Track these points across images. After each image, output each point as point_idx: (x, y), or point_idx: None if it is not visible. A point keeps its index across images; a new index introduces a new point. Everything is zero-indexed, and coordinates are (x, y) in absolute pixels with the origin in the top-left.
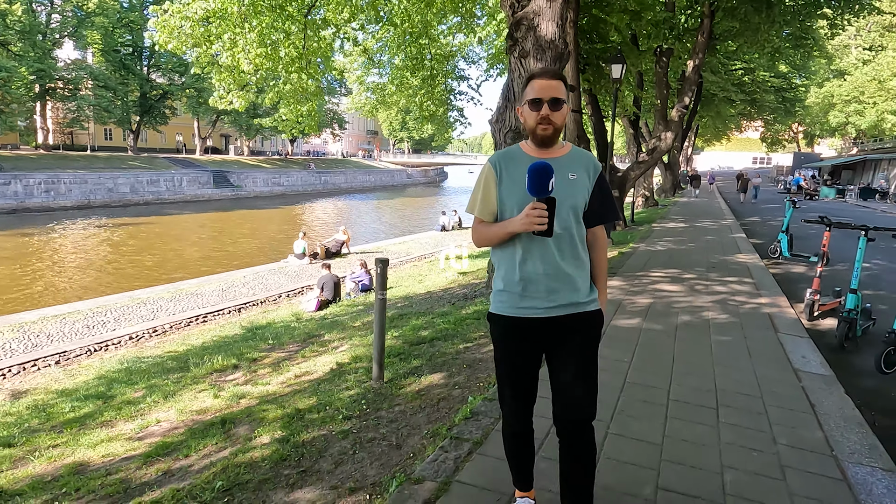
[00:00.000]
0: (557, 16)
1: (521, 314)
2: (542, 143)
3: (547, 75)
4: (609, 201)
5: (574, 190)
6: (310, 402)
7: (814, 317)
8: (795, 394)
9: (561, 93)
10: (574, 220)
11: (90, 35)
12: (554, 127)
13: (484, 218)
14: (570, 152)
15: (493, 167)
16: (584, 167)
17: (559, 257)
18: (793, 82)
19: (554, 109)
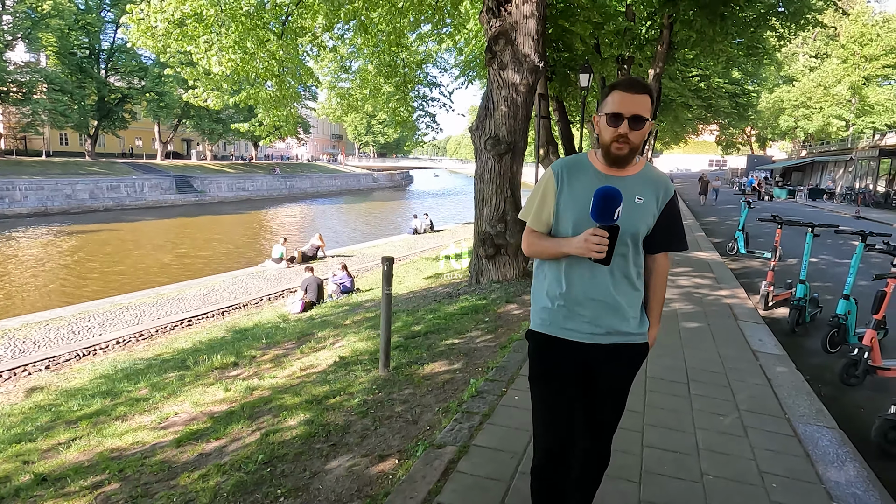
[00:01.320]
0: (533, 31)
1: (565, 335)
2: (615, 162)
3: (633, 88)
4: (676, 229)
5: (638, 215)
6: (323, 389)
7: (769, 306)
8: (754, 370)
9: (645, 109)
10: (633, 247)
11: (45, 37)
12: (630, 147)
13: (536, 229)
14: (641, 172)
15: (556, 176)
16: (654, 190)
17: (612, 284)
18: (745, 88)
19: (634, 128)
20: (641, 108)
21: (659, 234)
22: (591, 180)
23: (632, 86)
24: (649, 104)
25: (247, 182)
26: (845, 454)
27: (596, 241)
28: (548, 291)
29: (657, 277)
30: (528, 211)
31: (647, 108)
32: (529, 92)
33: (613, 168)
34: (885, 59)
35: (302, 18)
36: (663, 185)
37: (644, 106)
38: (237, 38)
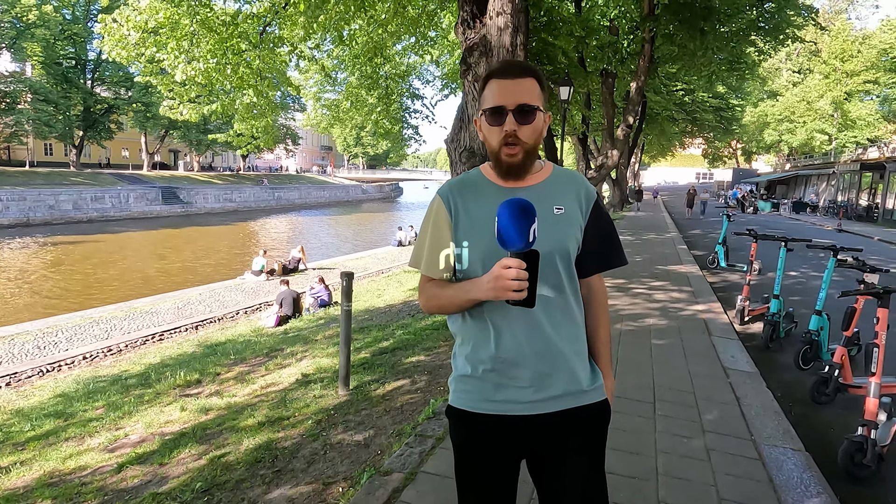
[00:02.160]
0: (508, 43)
1: (497, 410)
2: (509, 172)
3: (512, 73)
4: (610, 238)
5: (562, 229)
6: (279, 410)
7: (745, 321)
8: (723, 387)
9: (532, 96)
10: (565, 273)
11: (30, 47)
12: (524, 149)
13: (434, 276)
14: (551, 176)
15: (445, 202)
16: (575, 194)
17: (550, 328)
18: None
19: (523, 122)
20: (527, 94)
21: (590, 248)
22: (491, 198)
23: (510, 70)
24: (538, 90)
25: (234, 193)
26: (810, 479)
27: (511, 277)
28: (469, 355)
29: (596, 308)
30: (419, 256)
31: (534, 94)
32: None
33: (512, 181)
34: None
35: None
36: (582, 187)
37: (530, 92)
38: (211, 47)
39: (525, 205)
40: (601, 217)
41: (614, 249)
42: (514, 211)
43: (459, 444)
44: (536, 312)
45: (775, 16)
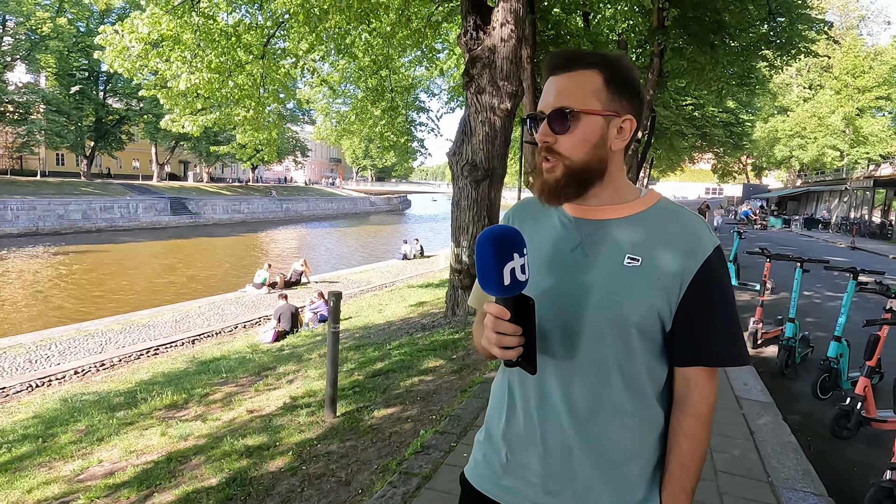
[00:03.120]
0: (512, 54)
1: (502, 498)
2: (543, 192)
3: (561, 63)
4: (719, 321)
5: (628, 286)
6: (259, 438)
7: (757, 344)
8: (736, 420)
9: (581, 95)
10: (619, 348)
11: (44, 58)
12: (563, 165)
13: (476, 307)
14: (645, 213)
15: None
16: (669, 244)
17: (577, 419)
18: (740, 117)
19: (558, 129)
20: (572, 93)
21: (685, 329)
22: (549, 225)
23: (559, 60)
24: (596, 85)
25: (242, 204)
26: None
27: (490, 325)
28: (488, 413)
29: (685, 417)
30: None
31: (586, 91)
32: (508, 117)
33: (580, 204)
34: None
35: (284, 40)
36: (688, 238)
37: (576, 90)
38: (213, 58)
39: (501, 237)
40: (711, 286)
41: (721, 338)
42: (485, 243)
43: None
44: (565, 391)
45: (787, 30)
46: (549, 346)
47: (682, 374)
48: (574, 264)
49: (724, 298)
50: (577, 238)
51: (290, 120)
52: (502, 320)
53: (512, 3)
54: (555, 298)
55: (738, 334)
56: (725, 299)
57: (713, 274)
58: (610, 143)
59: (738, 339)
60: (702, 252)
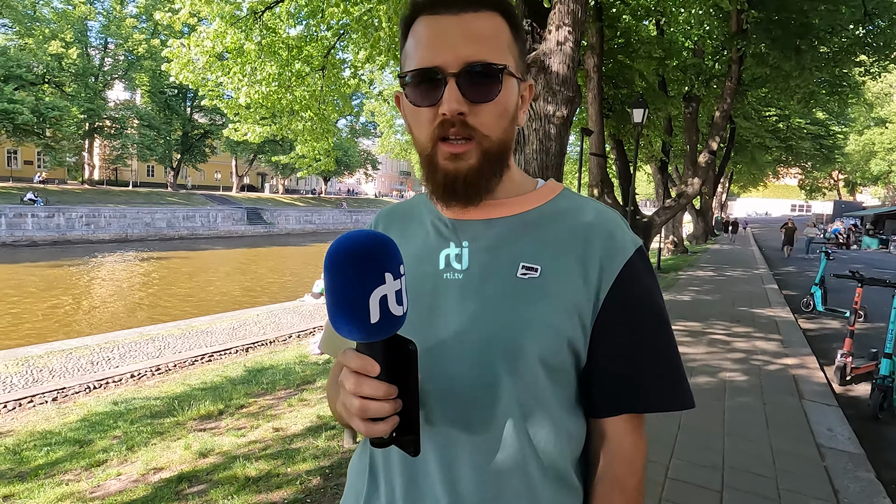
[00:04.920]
0: (569, 58)
1: None
2: (450, 191)
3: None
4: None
5: (524, 307)
6: (273, 463)
7: (846, 381)
8: (817, 475)
9: (497, 46)
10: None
11: (139, 77)
12: (481, 149)
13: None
14: (545, 207)
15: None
16: (576, 248)
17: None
18: (831, 129)
19: (478, 96)
20: (488, 44)
21: (602, 363)
22: (424, 234)
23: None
24: (504, 35)
25: (314, 215)
26: None
27: (350, 387)
28: (349, 488)
29: (608, 483)
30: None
31: (500, 42)
32: (564, 125)
33: (460, 206)
34: None
35: (344, 51)
36: (602, 237)
37: (491, 38)
38: (273, 71)
39: (366, 249)
40: (638, 295)
41: (654, 373)
42: (341, 258)
43: None
44: (445, 472)
45: (885, 33)
46: (422, 406)
47: (597, 430)
48: (450, 284)
49: (652, 315)
50: (456, 247)
51: (362, 133)
52: (368, 378)
53: (569, 4)
54: (426, 334)
55: (676, 363)
56: (655, 316)
57: (636, 283)
58: (518, 117)
59: (677, 371)
60: (621, 255)
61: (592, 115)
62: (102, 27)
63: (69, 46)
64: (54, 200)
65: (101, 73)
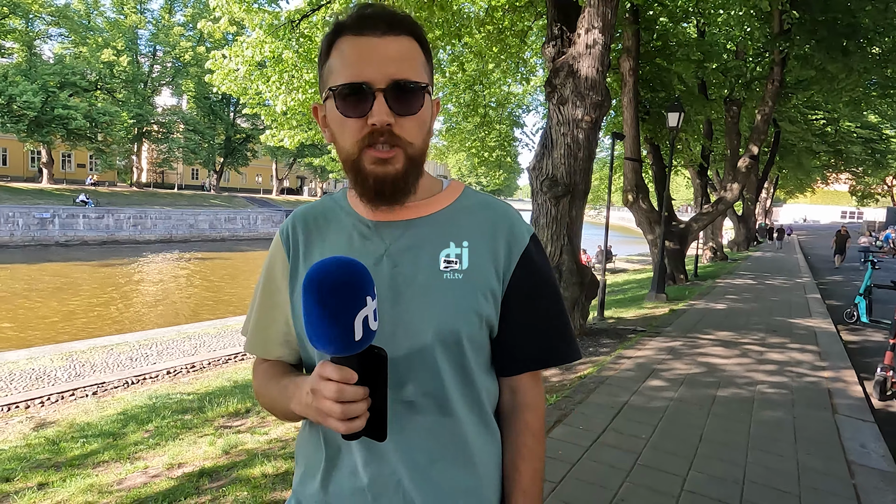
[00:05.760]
0: (598, 62)
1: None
2: (380, 194)
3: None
4: (549, 317)
5: (452, 298)
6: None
7: (886, 396)
8: (844, 493)
9: (415, 66)
10: (455, 373)
11: (185, 83)
12: (406, 155)
13: (264, 355)
14: (454, 205)
15: (284, 241)
16: (485, 237)
17: (415, 468)
18: (884, 133)
19: (403, 109)
20: (407, 62)
21: (513, 331)
22: (345, 238)
23: (372, 20)
24: (420, 56)
25: None
26: None
27: (331, 395)
28: (296, 484)
29: (519, 430)
30: (248, 321)
31: (417, 63)
32: (592, 129)
33: (387, 208)
34: None
35: None
36: (504, 227)
37: (411, 59)
38: (311, 78)
39: (343, 277)
40: (536, 275)
41: (556, 332)
42: (321, 289)
43: None
44: (396, 444)
45: None
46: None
47: (508, 386)
48: (382, 281)
49: (548, 291)
50: (382, 247)
51: None
52: (347, 385)
53: (599, 7)
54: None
55: (566, 325)
56: (550, 292)
57: (534, 265)
58: (431, 129)
59: (567, 332)
60: (519, 243)
61: (628, 119)
62: (151, 35)
63: (120, 54)
64: (104, 202)
65: (150, 79)
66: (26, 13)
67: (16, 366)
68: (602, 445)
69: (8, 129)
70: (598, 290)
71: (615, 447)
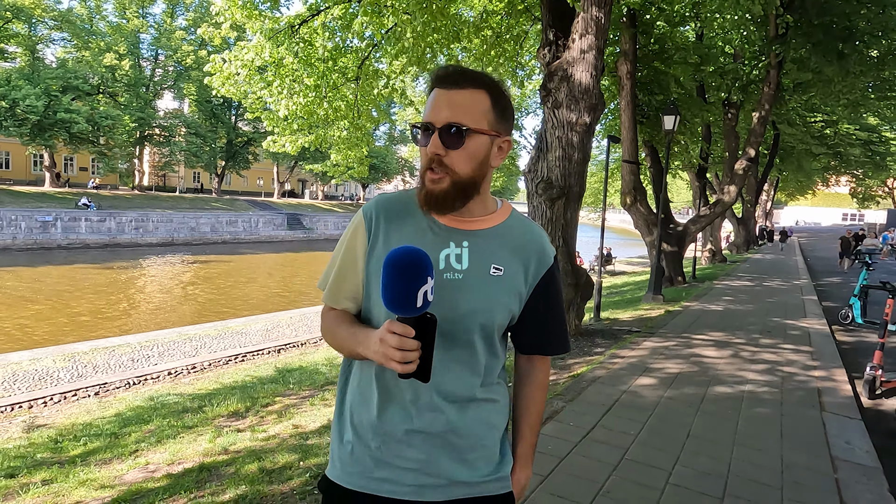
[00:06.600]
0: (591, 67)
1: (376, 490)
2: (427, 202)
3: (450, 79)
4: (556, 320)
5: (493, 295)
6: (288, 457)
7: (875, 395)
8: (826, 487)
9: (471, 114)
10: (485, 346)
11: (187, 87)
12: (451, 179)
13: (335, 305)
14: (503, 225)
15: (367, 220)
16: (522, 254)
17: (451, 406)
18: (884, 135)
19: (450, 145)
20: (463, 111)
21: (531, 326)
22: (416, 229)
23: (450, 77)
24: (485, 106)
25: None
26: None
27: (394, 344)
28: (352, 412)
29: (532, 390)
30: (326, 278)
31: (476, 111)
32: (587, 132)
33: (447, 216)
34: None
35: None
36: (537, 249)
37: (470, 108)
38: (311, 82)
39: (414, 260)
40: (552, 291)
41: (557, 334)
42: (400, 262)
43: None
44: (438, 386)
45: None
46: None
47: (527, 361)
48: (448, 270)
49: (559, 299)
50: (447, 245)
51: (400, 141)
52: (407, 338)
53: (593, 13)
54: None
55: (565, 330)
56: (560, 300)
57: (554, 280)
58: (491, 161)
59: (565, 334)
60: (547, 261)
61: (625, 123)
62: (153, 39)
63: (122, 58)
64: (106, 205)
65: (152, 83)
66: (29, 18)
67: (19, 366)
68: (591, 441)
69: (11, 132)
70: (592, 290)
71: (604, 443)
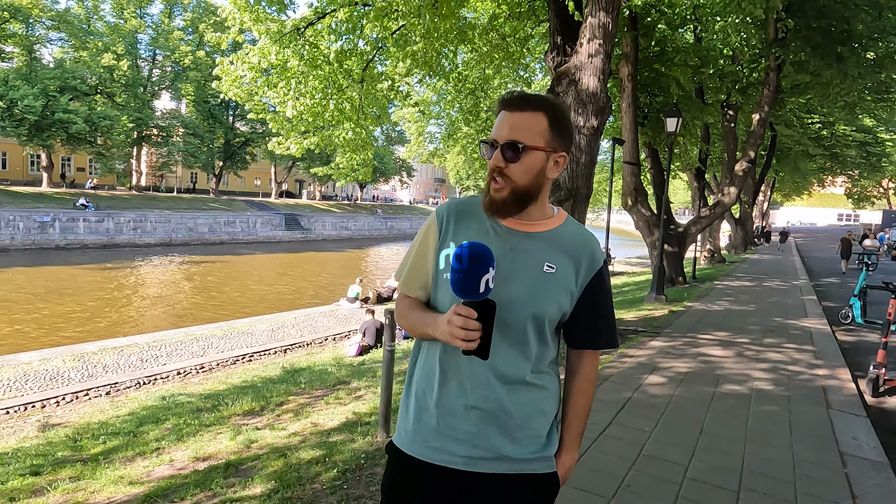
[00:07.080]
0: (599, 70)
1: (432, 458)
2: (490, 207)
3: (514, 103)
4: (605, 317)
5: (545, 290)
6: (313, 453)
7: (879, 393)
8: (836, 481)
9: (528, 133)
10: (536, 336)
11: (185, 87)
12: (511, 188)
13: (409, 293)
14: (557, 230)
15: (439, 220)
16: (574, 256)
17: (504, 389)
18: (879, 136)
19: (511, 159)
20: (522, 131)
21: (581, 322)
22: (481, 230)
23: (513, 101)
24: (542, 126)
25: (350, 222)
26: None
27: (460, 324)
28: (416, 387)
29: (581, 382)
30: (402, 268)
31: (534, 131)
32: (594, 135)
33: (509, 220)
34: None
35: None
36: (589, 251)
37: (529, 128)
38: (317, 84)
39: (478, 253)
40: (601, 290)
41: (606, 330)
42: (467, 255)
43: (390, 483)
44: (493, 367)
45: None
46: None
47: (577, 356)
48: (506, 266)
49: (608, 299)
50: (509, 245)
51: (398, 141)
52: (471, 319)
53: (601, 18)
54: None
55: (614, 327)
56: (609, 299)
57: (603, 280)
58: (547, 173)
59: (615, 328)
60: (596, 265)
61: (626, 124)
62: (151, 40)
63: (120, 58)
64: (104, 206)
65: (150, 83)
66: (26, 17)
67: (29, 367)
68: (608, 438)
69: (8, 132)
70: None
71: (620, 439)
